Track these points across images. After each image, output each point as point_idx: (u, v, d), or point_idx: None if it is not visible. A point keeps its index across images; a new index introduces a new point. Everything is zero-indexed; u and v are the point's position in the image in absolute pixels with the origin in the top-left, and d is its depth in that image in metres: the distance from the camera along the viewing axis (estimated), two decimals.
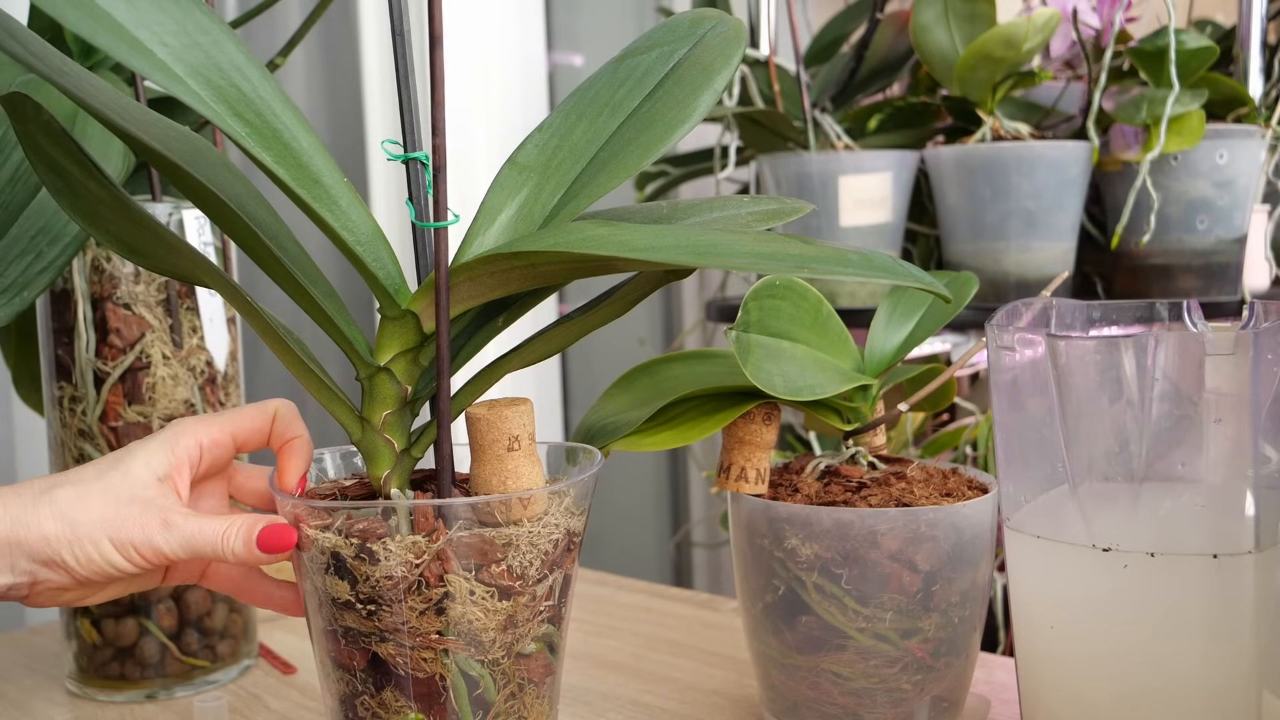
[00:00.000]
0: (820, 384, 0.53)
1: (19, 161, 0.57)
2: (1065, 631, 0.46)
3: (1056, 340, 0.45)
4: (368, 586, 0.44)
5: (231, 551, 0.47)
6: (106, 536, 0.46)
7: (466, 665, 0.45)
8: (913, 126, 1.05)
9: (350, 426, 0.47)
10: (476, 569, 0.44)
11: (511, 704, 0.47)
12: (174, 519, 0.47)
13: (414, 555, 0.44)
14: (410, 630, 0.45)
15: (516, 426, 0.46)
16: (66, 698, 0.67)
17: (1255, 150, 0.96)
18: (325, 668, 0.48)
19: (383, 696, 0.46)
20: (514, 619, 0.46)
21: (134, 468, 0.48)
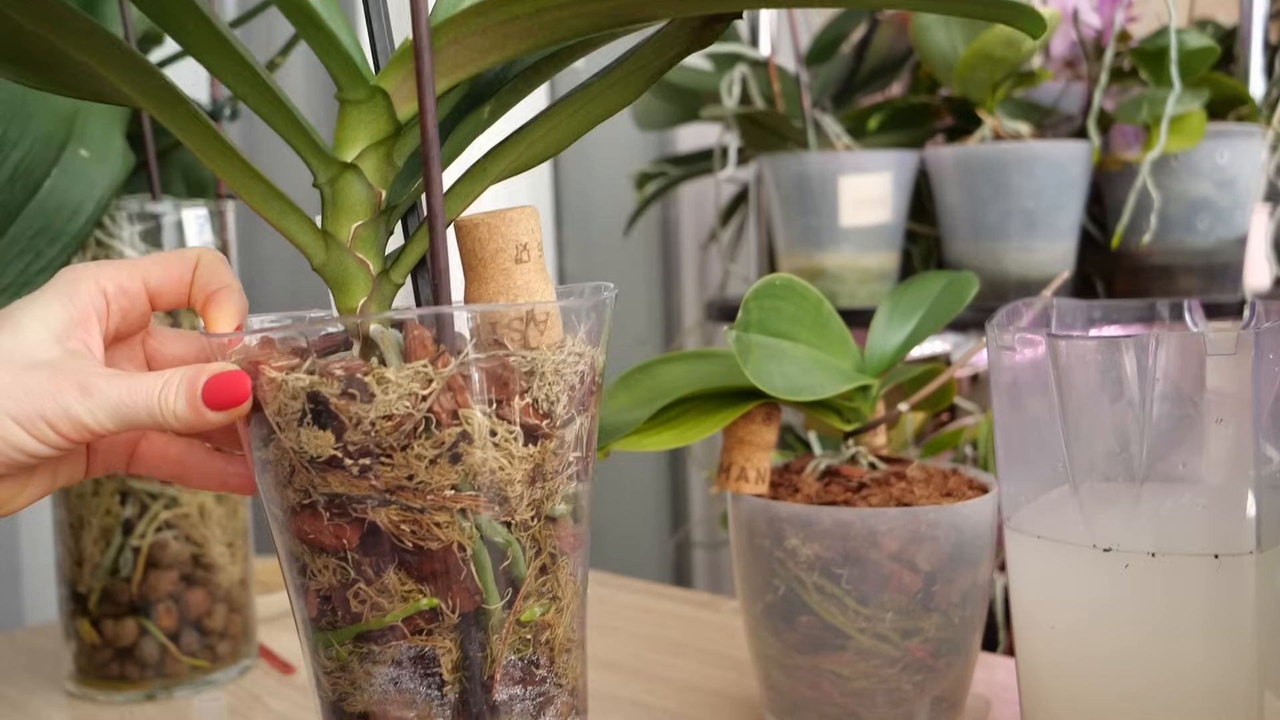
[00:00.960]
0: (820, 384, 0.53)
1: (18, 161, 0.57)
2: (1066, 632, 0.46)
3: (1057, 340, 0.45)
4: (359, 434, 0.35)
5: (173, 412, 0.37)
6: (7, 413, 0.36)
7: (490, 530, 0.36)
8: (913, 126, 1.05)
9: (309, 246, 0.38)
10: (496, 404, 0.36)
11: (544, 580, 0.38)
12: (93, 381, 0.37)
13: (420, 385, 0.35)
14: (418, 487, 0.35)
15: (524, 232, 0.38)
16: (65, 698, 0.67)
17: (1256, 150, 0.96)
18: (300, 560, 0.38)
19: (384, 580, 0.36)
20: (542, 470, 0.37)
21: (25, 326, 0.38)
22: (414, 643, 0.36)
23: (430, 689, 0.37)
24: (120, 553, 0.65)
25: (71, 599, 0.66)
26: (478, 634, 0.37)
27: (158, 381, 0.37)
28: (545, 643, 0.38)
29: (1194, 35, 0.93)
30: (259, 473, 0.39)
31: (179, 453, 0.43)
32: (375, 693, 0.37)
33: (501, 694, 0.37)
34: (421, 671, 0.37)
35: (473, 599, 0.36)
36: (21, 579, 1.00)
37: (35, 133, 0.57)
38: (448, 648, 0.37)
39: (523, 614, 0.37)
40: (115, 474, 0.42)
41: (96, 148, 0.59)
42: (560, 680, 0.39)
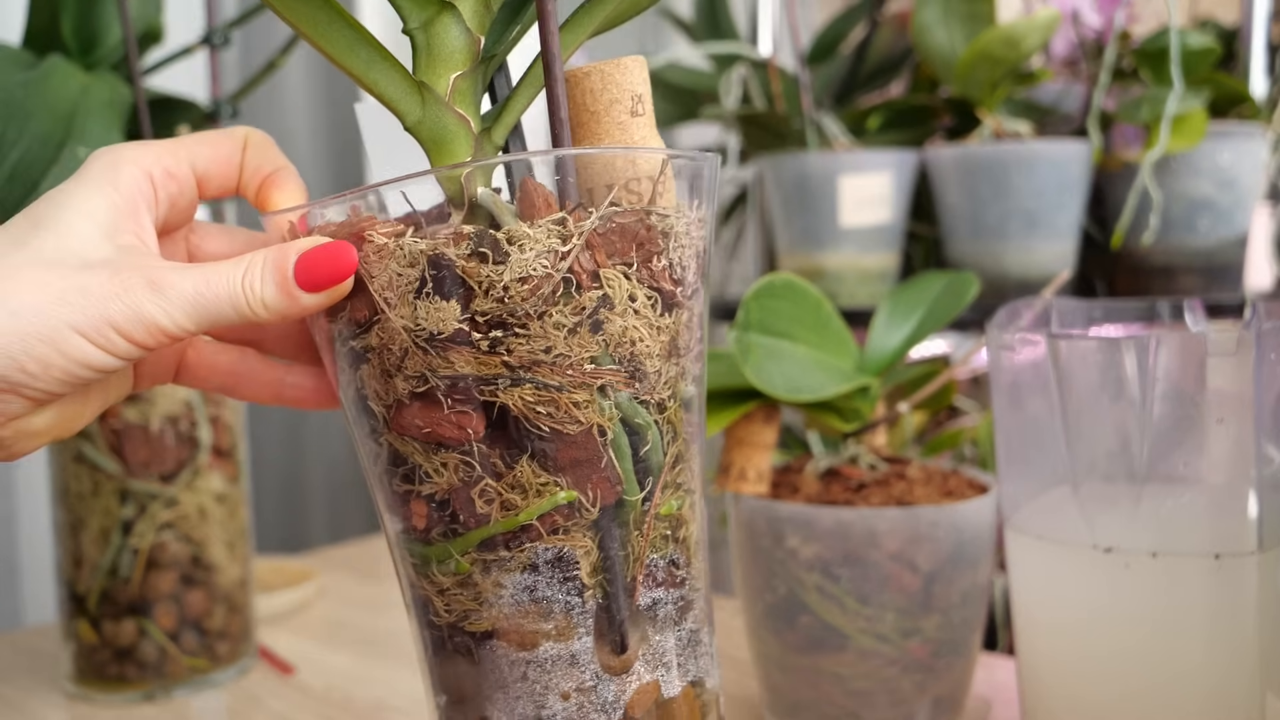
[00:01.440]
0: (820, 384, 0.53)
1: (17, 160, 0.57)
2: (1066, 632, 0.46)
3: (1057, 340, 0.45)
4: (490, 301, 0.31)
5: (260, 301, 0.32)
6: (67, 324, 0.31)
7: (631, 410, 0.33)
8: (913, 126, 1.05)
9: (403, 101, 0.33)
10: (636, 264, 0.32)
11: (679, 470, 0.34)
12: (164, 275, 0.31)
13: (560, 240, 0.31)
14: (556, 361, 0.31)
15: (639, 81, 0.34)
16: (64, 699, 0.67)
17: (1258, 150, 0.96)
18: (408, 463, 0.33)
19: (516, 473, 0.32)
20: (676, 345, 0.34)
21: (68, 222, 0.32)
22: (550, 543, 0.33)
23: (570, 595, 0.33)
24: (119, 553, 0.65)
25: (70, 599, 0.66)
26: (617, 530, 0.33)
27: (238, 268, 0.32)
28: (683, 540, 0.35)
29: (1195, 35, 0.93)
30: (347, 368, 0.34)
31: (230, 362, 0.38)
32: (505, 606, 0.33)
33: (644, 597, 0.34)
34: (560, 576, 0.33)
35: (614, 489, 0.33)
36: (20, 579, 1.00)
37: (33, 132, 0.57)
38: (587, 547, 0.33)
39: (662, 507, 0.34)
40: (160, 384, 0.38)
41: (95, 147, 0.59)
42: (697, 582, 0.36)
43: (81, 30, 0.64)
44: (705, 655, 0.36)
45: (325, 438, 1.25)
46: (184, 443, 0.66)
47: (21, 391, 0.31)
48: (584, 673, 0.33)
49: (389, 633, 0.78)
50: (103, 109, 0.61)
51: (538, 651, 0.33)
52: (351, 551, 1.00)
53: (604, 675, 0.34)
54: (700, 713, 0.36)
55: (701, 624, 0.36)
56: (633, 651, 0.34)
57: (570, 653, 0.33)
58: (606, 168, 0.33)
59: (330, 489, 1.26)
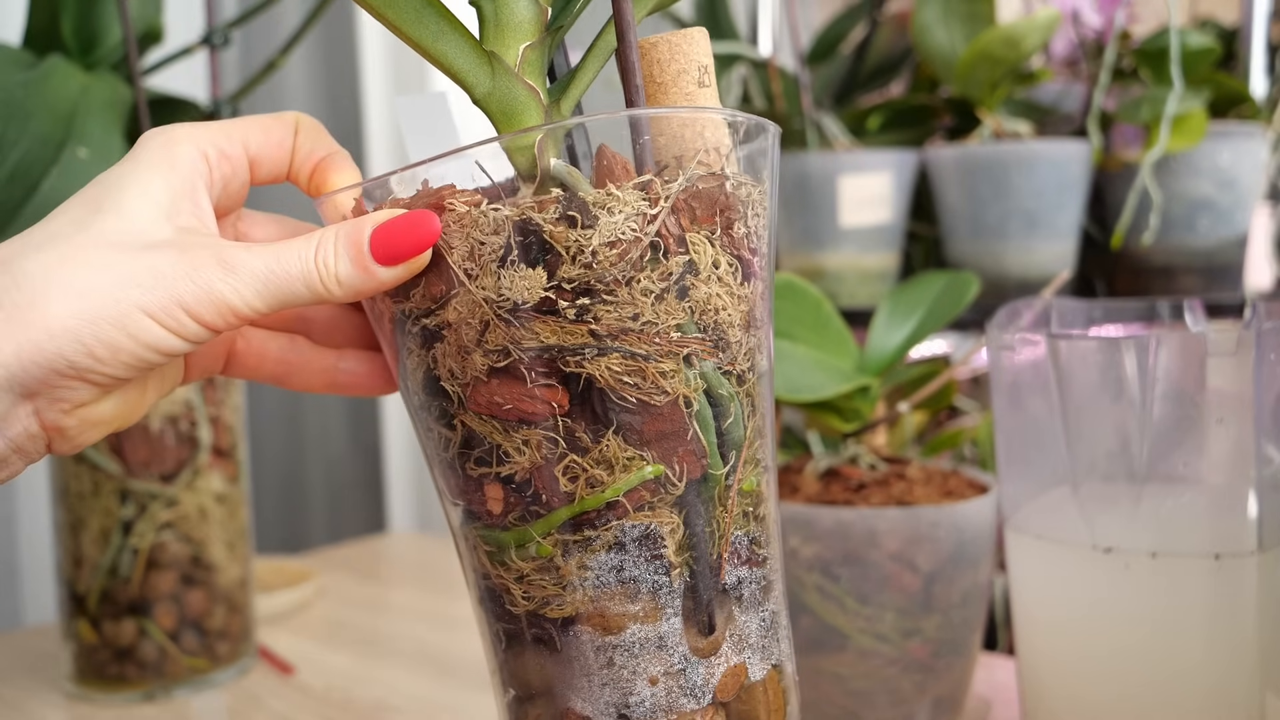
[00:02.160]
0: (820, 384, 0.53)
1: (17, 161, 0.57)
2: (1066, 632, 0.46)
3: (1057, 340, 0.45)
4: (578, 267, 0.30)
5: (335, 277, 0.31)
6: (137, 306, 0.30)
7: (715, 380, 0.32)
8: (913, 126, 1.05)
9: (472, 72, 0.32)
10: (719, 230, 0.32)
11: (758, 445, 0.34)
12: (232, 254, 0.31)
13: (649, 203, 0.30)
14: (644, 329, 0.31)
15: (705, 52, 0.34)
16: (64, 699, 0.67)
17: (1258, 150, 0.96)
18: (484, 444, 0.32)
19: (602, 448, 0.31)
20: (754, 315, 0.33)
21: (128, 204, 0.31)
22: (636, 520, 0.32)
23: (657, 574, 0.32)
24: (119, 553, 0.65)
25: (70, 599, 0.66)
26: (702, 507, 0.32)
27: (309, 244, 0.31)
28: (762, 518, 0.34)
29: (1195, 35, 0.93)
30: (416, 349, 0.33)
31: (280, 350, 0.38)
32: (589, 589, 0.32)
33: (730, 576, 0.33)
34: (647, 554, 0.32)
35: (699, 463, 0.32)
36: (20, 579, 1.00)
37: (34, 133, 0.57)
38: (673, 524, 0.32)
39: (744, 482, 0.33)
40: (210, 376, 0.38)
41: (96, 147, 0.59)
42: (776, 563, 0.35)
43: (81, 30, 0.64)
44: (785, 639, 0.36)
45: (325, 438, 1.25)
46: (184, 443, 0.66)
47: (88, 377, 0.31)
48: (672, 655, 0.33)
49: (389, 633, 0.78)
50: (103, 109, 0.61)
51: (624, 635, 0.32)
52: (351, 551, 1.00)
53: (692, 658, 0.33)
54: (783, 698, 0.35)
55: (780, 607, 0.35)
56: (720, 633, 0.33)
57: (658, 635, 0.32)
58: (675, 140, 0.33)
59: (330, 489, 1.26)
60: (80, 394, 0.31)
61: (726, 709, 0.34)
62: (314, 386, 0.38)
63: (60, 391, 0.31)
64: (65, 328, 0.29)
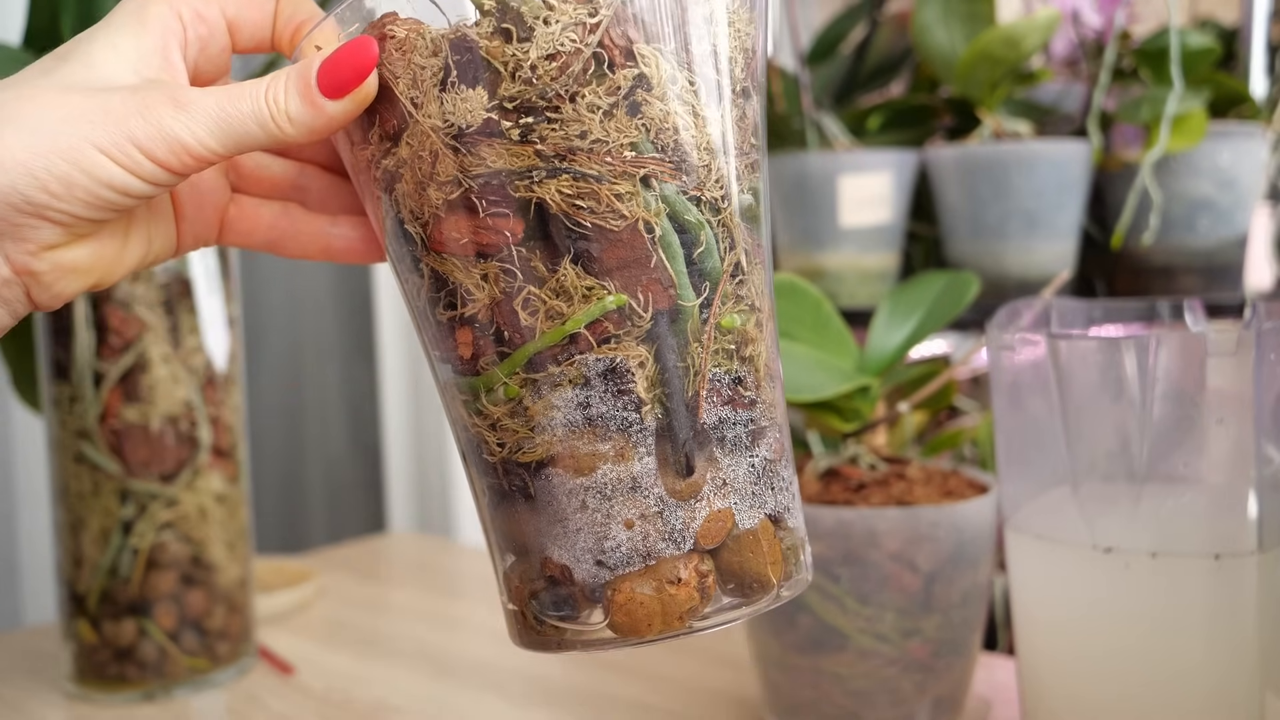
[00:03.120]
0: (820, 384, 0.53)
1: None
2: (1066, 632, 0.46)
3: (1057, 340, 0.45)
4: (519, 83, 0.29)
5: (285, 114, 0.31)
6: (88, 140, 0.30)
7: (679, 205, 0.30)
8: (913, 126, 1.05)
9: None
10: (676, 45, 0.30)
11: (740, 282, 0.32)
12: (187, 94, 0.31)
13: (587, 12, 0.29)
14: (592, 147, 0.29)
15: None
16: (64, 699, 0.67)
17: (1258, 150, 0.96)
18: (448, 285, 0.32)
19: (559, 277, 0.30)
20: (726, 140, 0.31)
21: (95, 55, 0.32)
22: (601, 354, 0.30)
23: (626, 411, 0.31)
24: (119, 553, 0.65)
25: (70, 599, 0.66)
26: (674, 340, 0.31)
27: (260, 84, 0.31)
28: (750, 359, 0.32)
29: (1195, 35, 0.93)
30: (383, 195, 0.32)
31: (273, 216, 0.38)
32: (559, 429, 0.31)
33: (709, 415, 0.31)
34: (614, 390, 0.31)
35: (666, 293, 0.30)
36: (20, 579, 1.00)
37: None
38: (642, 358, 0.31)
39: (722, 318, 0.32)
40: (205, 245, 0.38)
41: None
42: (770, 411, 0.33)
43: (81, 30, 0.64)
44: (785, 491, 0.34)
45: (325, 438, 1.26)
46: (184, 443, 0.66)
47: (47, 215, 0.31)
48: (647, 498, 0.31)
49: (389, 633, 0.78)
50: None
51: (596, 476, 0.31)
52: (351, 551, 1.00)
53: (670, 500, 0.31)
54: (781, 552, 0.33)
55: (778, 456, 0.33)
56: (700, 475, 0.31)
57: (631, 475, 0.31)
58: None
59: (330, 489, 1.26)
60: (44, 233, 0.31)
61: (715, 557, 0.32)
62: (308, 253, 0.38)
63: (23, 231, 0.31)
64: (17, 161, 0.30)
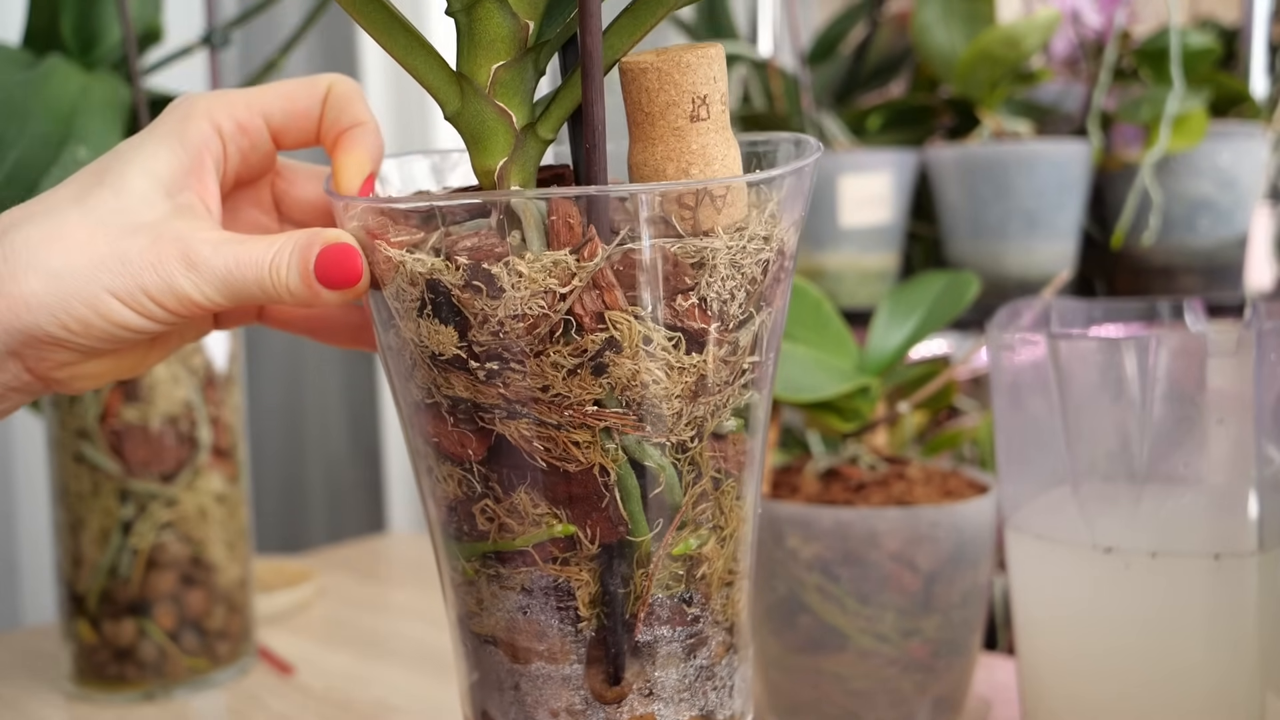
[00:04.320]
0: (820, 384, 0.53)
1: (16, 160, 0.57)
2: (1066, 632, 0.46)
3: (1057, 340, 0.45)
4: (486, 334, 0.30)
5: (286, 287, 0.32)
6: (105, 289, 0.32)
7: (639, 452, 0.31)
8: (913, 126, 1.05)
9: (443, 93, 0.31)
10: (654, 304, 0.30)
11: (703, 509, 0.32)
12: (198, 250, 0.32)
13: (558, 281, 0.29)
14: (554, 400, 0.30)
15: (703, 81, 0.31)
16: (64, 699, 0.67)
17: (1258, 150, 0.96)
18: (425, 460, 0.33)
19: (513, 500, 0.31)
20: (707, 382, 0.31)
21: (129, 179, 0.34)
22: (546, 571, 0.32)
23: (564, 623, 0.32)
24: (119, 553, 0.65)
25: (70, 599, 0.66)
26: (620, 567, 0.32)
27: (269, 250, 0.33)
28: (701, 578, 0.33)
29: (1195, 35, 0.93)
30: (383, 354, 0.34)
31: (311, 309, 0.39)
32: (502, 618, 0.33)
33: (645, 634, 0.32)
34: (554, 603, 0.32)
35: (615, 529, 0.31)
36: (20, 579, 1.00)
37: (33, 132, 0.57)
38: (584, 580, 0.32)
39: (675, 547, 0.32)
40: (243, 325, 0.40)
41: (95, 147, 0.59)
42: (717, 618, 0.34)
43: (81, 30, 0.64)
44: (721, 689, 0.34)
45: (325, 438, 1.25)
46: (184, 443, 0.65)
47: (66, 345, 0.33)
48: (574, 696, 0.33)
49: (389, 633, 0.78)
50: (103, 109, 0.61)
51: (530, 667, 0.33)
52: (351, 551, 1.00)
53: (594, 702, 0.33)
54: None
55: (718, 658, 0.34)
56: (628, 684, 0.33)
57: (562, 675, 0.33)
58: (656, 174, 0.31)
59: (330, 489, 1.26)
60: (62, 356, 0.34)
61: None
62: (342, 342, 0.40)
63: (43, 353, 0.33)
64: (41, 303, 0.32)
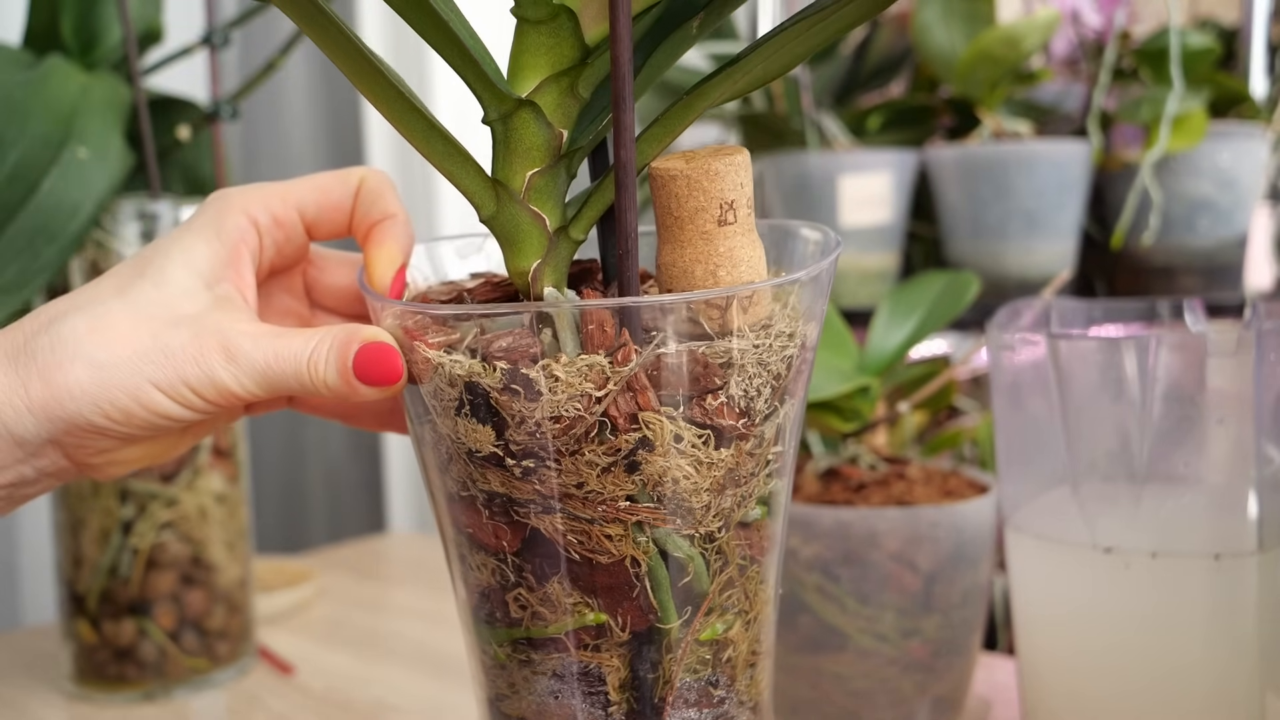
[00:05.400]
0: (820, 384, 0.53)
1: (17, 161, 0.57)
2: (1066, 632, 0.46)
3: (1057, 340, 0.45)
4: (524, 434, 0.31)
5: (323, 382, 0.34)
6: (148, 380, 0.33)
7: (670, 544, 0.32)
8: (913, 126, 1.05)
9: (479, 197, 0.33)
10: (685, 403, 0.31)
11: (729, 595, 0.33)
12: (238, 343, 0.34)
13: (594, 385, 0.30)
14: (588, 496, 0.31)
15: (731, 187, 0.32)
16: (64, 699, 0.67)
17: (1258, 149, 0.96)
18: (457, 547, 0.34)
19: (546, 590, 0.32)
20: (735, 474, 0.32)
21: (169, 272, 0.35)
22: (578, 658, 0.33)
23: (594, 707, 0.33)
24: (119, 553, 0.65)
25: (70, 599, 0.66)
26: (650, 653, 0.33)
27: (307, 345, 0.34)
28: (727, 661, 0.34)
29: (1195, 35, 0.93)
30: (416, 444, 0.35)
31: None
32: (534, 701, 0.34)
33: (674, 717, 0.33)
34: (585, 689, 0.33)
35: (646, 617, 0.32)
36: (20, 579, 1.00)
37: (33, 133, 0.57)
38: (615, 666, 0.33)
39: (702, 633, 0.33)
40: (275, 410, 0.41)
41: (95, 147, 0.59)
42: (742, 698, 0.35)
43: (81, 30, 0.64)
44: None
45: (325, 438, 1.25)
46: None
47: (106, 433, 0.34)
48: None
49: (389, 633, 0.78)
50: (103, 109, 0.61)
51: None
52: (351, 551, 1.00)
53: None
54: None
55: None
56: None
57: None
58: (685, 275, 0.32)
59: (330, 489, 1.26)
60: (101, 444, 0.35)
61: None
62: (371, 427, 0.41)
63: (83, 441, 0.35)
64: (85, 392, 0.33)
